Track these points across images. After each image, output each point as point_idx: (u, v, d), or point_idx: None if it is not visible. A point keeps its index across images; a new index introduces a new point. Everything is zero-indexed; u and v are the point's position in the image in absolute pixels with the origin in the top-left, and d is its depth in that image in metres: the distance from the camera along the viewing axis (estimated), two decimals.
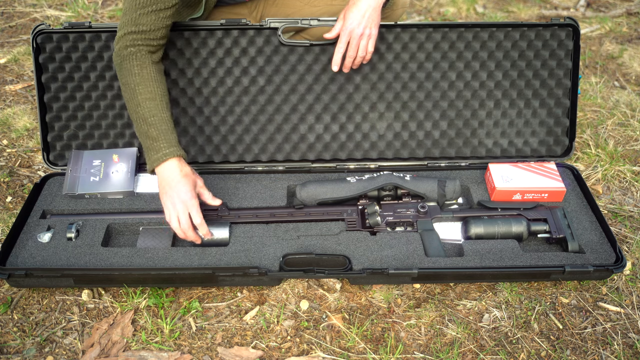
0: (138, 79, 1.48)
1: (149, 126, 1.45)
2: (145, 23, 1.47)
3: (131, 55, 1.49)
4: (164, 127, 1.46)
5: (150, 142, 1.45)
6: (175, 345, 1.42)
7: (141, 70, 1.49)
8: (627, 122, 2.21)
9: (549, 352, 1.41)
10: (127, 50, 1.49)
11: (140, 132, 1.48)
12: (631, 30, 2.91)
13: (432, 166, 1.85)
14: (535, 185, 1.69)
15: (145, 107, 1.46)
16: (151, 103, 1.47)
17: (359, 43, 1.53)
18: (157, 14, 1.48)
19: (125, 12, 1.49)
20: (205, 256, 1.53)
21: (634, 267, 1.63)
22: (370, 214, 1.60)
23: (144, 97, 1.47)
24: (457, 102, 1.81)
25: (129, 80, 1.48)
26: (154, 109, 1.46)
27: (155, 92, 1.48)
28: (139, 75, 1.48)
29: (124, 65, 1.50)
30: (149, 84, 1.48)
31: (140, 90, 1.47)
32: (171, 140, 1.45)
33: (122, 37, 1.49)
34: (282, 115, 1.80)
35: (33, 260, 1.51)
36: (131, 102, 1.48)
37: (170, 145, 1.44)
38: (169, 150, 1.43)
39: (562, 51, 1.79)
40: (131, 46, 1.49)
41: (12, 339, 1.43)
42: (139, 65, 1.49)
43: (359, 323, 1.47)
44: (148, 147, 1.46)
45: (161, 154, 1.43)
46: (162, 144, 1.44)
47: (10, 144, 2.08)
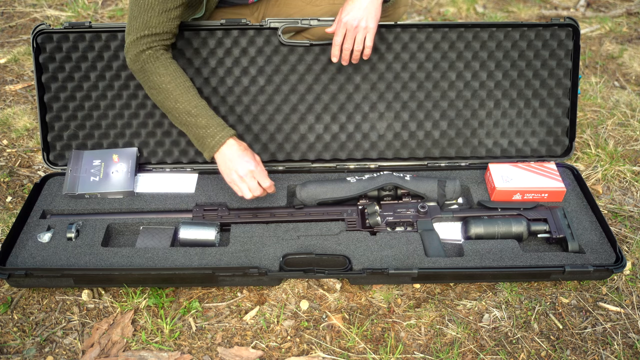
0: (168, 78, 1.52)
1: (195, 117, 1.51)
2: (157, 25, 1.49)
3: (151, 57, 1.51)
4: (210, 113, 1.53)
5: (203, 130, 1.51)
6: (175, 345, 1.42)
7: (166, 69, 1.52)
8: (627, 122, 2.21)
9: (549, 352, 1.41)
10: (145, 54, 1.51)
11: (187, 125, 1.53)
12: (631, 30, 2.91)
13: (432, 166, 1.85)
14: (535, 185, 1.69)
15: (184, 100, 1.51)
16: (188, 95, 1.52)
17: (354, 35, 1.53)
18: (166, 15, 1.49)
19: (133, 16, 1.49)
20: (205, 256, 1.53)
21: (634, 267, 1.63)
22: (370, 214, 1.60)
23: (179, 92, 1.51)
24: (457, 102, 1.81)
25: (158, 80, 1.52)
26: (192, 100, 1.52)
27: (186, 84, 1.54)
28: (167, 74, 1.52)
29: (147, 68, 1.52)
30: (178, 79, 1.53)
31: (172, 87, 1.52)
32: (221, 123, 1.52)
33: (135, 42, 1.50)
34: (282, 115, 1.80)
35: (33, 260, 1.51)
36: (167, 101, 1.53)
37: (222, 127, 1.51)
38: (223, 133, 1.50)
39: (562, 51, 1.79)
40: (147, 49, 1.51)
41: (12, 339, 1.43)
42: (162, 65, 1.52)
43: (359, 323, 1.47)
44: (201, 136, 1.51)
45: (218, 138, 1.50)
46: (215, 129, 1.50)
47: (10, 144, 2.08)
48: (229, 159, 1.51)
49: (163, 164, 1.82)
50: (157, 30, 1.49)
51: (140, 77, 1.56)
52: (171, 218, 1.65)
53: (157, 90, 1.53)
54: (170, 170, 1.82)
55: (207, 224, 1.59)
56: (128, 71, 1.75)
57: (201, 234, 1.57)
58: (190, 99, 1.52)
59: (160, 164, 1.82)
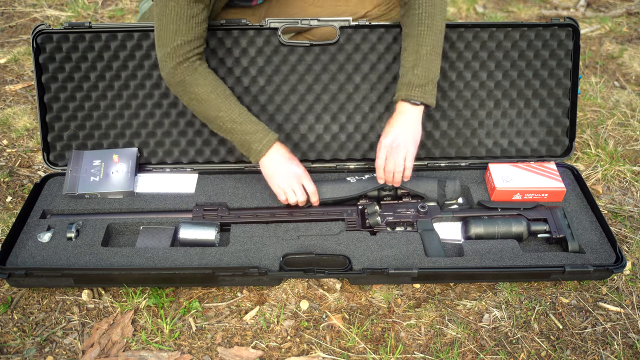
0: (209, 88, 1.53)
1: (240, 124, 1.54)
2: (188, 31, 1.47)
3: (189, 69, 1.51)
4: (253, 119, 1.56)
5: (250, 136, 1.54)
6: (175, 345, 1.42)
7: (205, 79, 1.53)
8: (627, 122, 2.21)
9: (549, 352, 1.41)
10: (182, 67, 1.50)
11: (232, 132, 1.56)
12: (631, 30, 2.91)
13: (432, 166, 1.85)
14: (535, 185, 1.69)
15: (227, 109, 1.54)
16: (230, 103, 1.55)
17: (395, 157, 1.54)
18: (194, 19, 1.47)
19: (161, 27, 1.47)
20: (205, 256, 1.53)
21: (634, 267, 1.63)
22: (370, 214, 1.60)
23: (221, 101, 1.54)
24: (457, 102, 1.81)
25: (199, 91, 1.53)
26: (235, 107, 1.56)
27: (226, 92, 1.56)
28: (207, 84, 1.53)
29: (187, 80, 1.52)
30: (219, 88, 1.54)
31: (214, 97, 1.53)
32: (265, 129, 1.56)
33: (170, 54, 1.48)
34: (282, 115, 1.80)
35: (33, 260, 1.51)
36: (210, 110, 1.54)
37: (267, 132, 1.55)
38: (269, 137, 1.55)
39: (562, 51, 1.79)
40: (184, 61, 1.50)
41: (12, 339, 1.43)
42: (201, 75, 1.53)
43: (359, 323, 1.47)
44: (248, 141, 1.55)
45: (265, 142, 1.54)
46: (260, 135, 1.54)
47: (10, 144, 2.08)
48: (274, 163, 1.56)
49: (163, 164, 1.83)
50: (188, 37, 1.48)
51: (179, 89, 1.55)
52: (171, 218, 1.65)
53: (199, 101, 1.54)
54: (170, 171, 1.82)
55: (207, 224, 1.59)
56: (128, 72, 1.75)
57: (201, 234, 1.57)
58: (233, 106, 1.54)
59: (160, 164, 1.82)
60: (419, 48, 1.50)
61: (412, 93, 1.50)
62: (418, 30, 1.50)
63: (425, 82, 1.50)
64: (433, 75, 1.52)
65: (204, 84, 1.53)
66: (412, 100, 1.51)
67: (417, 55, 1.51)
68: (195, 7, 1.46)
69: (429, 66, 1.51)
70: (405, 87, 1.51)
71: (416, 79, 1.50)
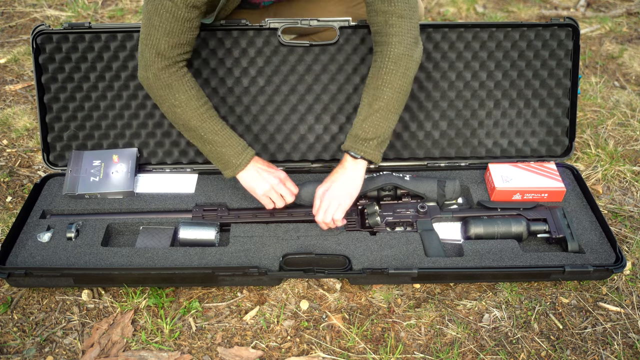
0: (194, 97, 1.50)
1: (222, 136, 1.52)
2: (181, 34, 1.43)
3: (177, 74, 1.47)
4: (231, 133, 1.54)
5: (227, 149, 1.52)
6: (175, 345, 1.42)
7: (191, 88, 1.50)
8: (627, 122, 2.21)
9: (549, 352, 1.41)
10: (171, 70, 1.46)
11: (212, 144, 1.53)
12: (631, 30, 2.91)
13: (432, 166, 1.85)
14: (535, 185, 1.69)
15: (210, 119, 1.51)
16: (212, 115, 1.52)
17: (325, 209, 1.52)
18: (190, 24, 1.43)
19: (152, 27, 1.41)
20: (205, 256, 1.53)
21: (634, 267, 1.63)
22: (370, 214, 1.60)
23: (203, 111, 1.51)
24: (457, 102, 1.81)
25: (183, 98, 1.48)
26: (217, 119, 1.53)
27: (208, 103, 1.54)
28: (192, 93, 1.50)
29: (174, 85, 1.47)
30: (202, 98, 1.52)
31: (198, 105, 1.50)
32: (243, 144, 1.55)
33: (160, 55, 1.43)
34: (282, 115, 1.80)
35: (33, 260, 1.51)
36: (193, 120, 1.50)
37: (245, 147, 1.55)
38: (248, 152, 1.54)
39: (561, 51, 1.79)
40: (170, 66, 1.45)
41: (12, 339, 1.43)
42: (187, 83, 1.49)
43: (359, 323, 1.47)
44: (226, 154, 1.53)
45: (243, 157, 1.53)
46: (240, 149, 1.53)
47: (10, 144, 2.08)
48: (252, 176, 1.55)
49: (163, 165, 1.83)
50: (181, 40, 1.43)
51: (162, 93, 1.48)
52: (171, 218, 1.65)
53: (182, 109, 1.49)
54: (170, 171, 1.82)
55: (206, 224, 1.59)
56: (128, 72, 1.75)
57: (201, 234, 1.57)
58: (215, 118, 1.52)
59: (160, 164, 1.83)
60: (373, 102, 1.46)
61: (356, 146, 1.47)
62: (376, 84, 1.46)
63: (371, 137, 1.46)
64: (382, 131, 1.47)
65: (189, 91, 1.49)
66: (352, 153, 1.48)
67: (369, 108, 1.47)
68: (192, 12, 1.41)
69: (379, 122, 1.46)
70: (351, 138, 1.49)
71: (362, 132, 1.47)
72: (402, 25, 1.43)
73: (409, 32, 1.44)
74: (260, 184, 1.55)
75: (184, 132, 1.56)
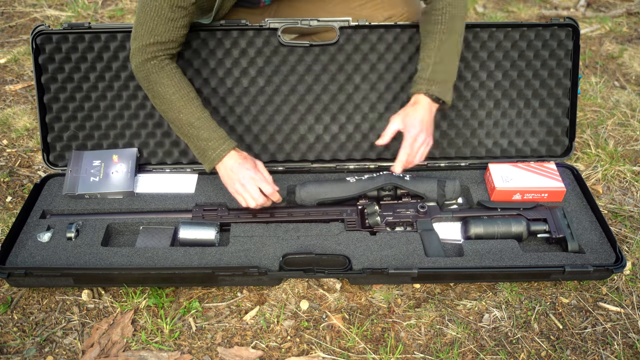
0: (172, 89, 1.52)
1: (197, 129, 1.52)
2: (163, 33, 1.47)
3: (155, 67, 1.51)
4: (212, 125, 1.53)
5: (204, 142, 1.52)
6: (175, 345, 1.42)
7: (171, 79, 1.52)
8: (627, 122, 2.21)
9: (549, 352, 1.41)
10: (149, 64, 1.50)
11: (189, 137, 1.54)
12: (631, 30, 2.91)
13: (432, 166, 1.85)
14: (535, 185, 1.69)
15: (187, 112, 1.52)
16: (191, 107, 1.53)
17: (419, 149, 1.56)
18: (173, 23, 1.47)
19: (139, 22, 1.47)
20: (205, 256, 1.53)
21: (634, 267, 1.63)
22: (370, 214, 1.60)
23: (182, 104, 1.52)
24: (457, 102, 1.81)
25: (162, 91, 1.52)
26: (195, 111, 1.53)
27: (190, 95, 1.54)
28: (171, 85, 1.52)
29: (151, 78, 1.52)
30: (182, 90, 1.53)
31: (176, 98, 1.52)
32: (223, 136, 1.53)
33: (140, 50, 1.49)
34: (282, 115, 1.80)
35: (33, 260, 1.51)
36: (170, 111, 1.53)
37: (223, 140, 1.52)
38: (224, 146, 1.51)
39: (561, 51, 1.79)
40: (152, 59, 1.50)
41: (12, 339, 1.43)
42: (167, 75, 1.52)
43: (359, 323, 1.47)
44: (203, 148, 1.53)
45: (219, 151, 1.51)
46: (216, 142, 1.51)
47: (10, 144, 2.08)
48: (228, 170, 1.52)
49: (163, 165, 1.83)
50: (162, 38, 1.48)
51: (144, 85, 1.55)
52: (171, 218, 1.65)
53: (161, 100, 1.54)
54: (170, 171, 1.82)
55: (206, 224, 1.59)
56: (127, 72, 1.75)
57: (201, 233, 1.57)
58: (194, 110, 1.53)
59: (160, 164, 1.83)
60: (441, 45, 1.53)
61: (433, 88, 1.52)
62: (440, 29, 1.53)
63: (445, 79, 1.54)
64: (452, 74, 1.56)
65: (168, 84, 1.51)
66: (431, 94, 1.53)
67: (439, 52, 1.53)
68: (177, 12, 1.45)
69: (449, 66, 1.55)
70: (425, 82, 1.53)
71: (437, 75, 1.53)
72: None
73: None
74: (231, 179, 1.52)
75: (169, 123, 1.59)
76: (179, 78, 1.54)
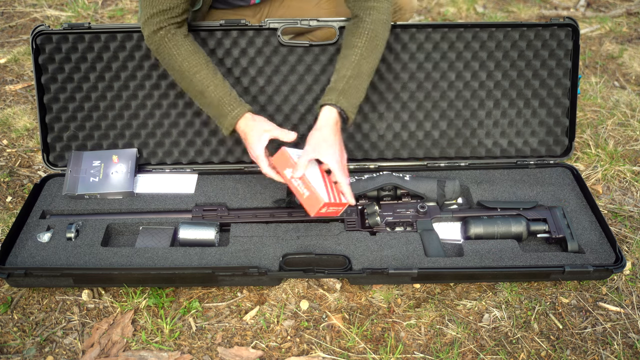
0: (179, 59, 1.54)
1: (208, 97, 1.54)
2: (163, 2, 1.48)
3: (163, 39, 1.53)
4: (221, 93, 1.53)
5: (215, 110, 1.54)
6: (175, 345, 1.42)
7: (179, 49, 1.54)
8: (627, 122, 2.21)
9: (549, 352, 1.41)
10: (157, 35, 1.52)
11: (203, 105, 1.57)
12: (631, 30, 2.91)
13: (432, 166, 1.85)
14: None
15: (197, 81, 1.53)
16: (200, 75, 1.53)
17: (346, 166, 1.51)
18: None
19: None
20: (205, 256, 1.53)
21: (634, 267, 1.63)
22: (370, 214, 1.60)
23: (192, 72, 1.53)
24: (457, 102, 1.81)
25: (172, 62, 1.55)
26: (205, 79, 1.53)
27: (200, 63, 1.54)
28: (179, 55, 1.54)
29: (160, 50, 1.55)
30: (191, 59, 1.54)
31: (185, 67, 1.54)
32: (232, 103, 1.52)
33: (147, 21, 1.51)
34: (282, 115, 1.80)
35: (32, 260, 1.51)
36: (183, 81, 1.57)
37: (233, 107, 1.52)
38: (235, 112, 1.51)
39: (561, 51, 1.79)
40: (159, 30, 1.52)
41: (12, 339, 1.43)
42: (174, 45, 1.53)
43: (359, 323, 1.47)
44: (215, 115, 1.55)
45: (230, 118, 1.51)
46: (226, 109, 1.52)
47: (10, 144, 2.08)
48: (241, 136, 1.53)
49: (163, 165, 1.83)
50: (163, 6, 1.48)
51: (156, 56, 1.58)
52: (171, 218, 1.65)
53: (171, 71, 1.57)
54: (170, 171, 1.82)
55: (206, 224, 1.59)
56: (127, 72, 1.75)
57: (201, 234, 1.57)
58: (203, 78, 1.53)
59: (160, 164, 1.83)
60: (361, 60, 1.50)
61: (342, 100, 1.46)
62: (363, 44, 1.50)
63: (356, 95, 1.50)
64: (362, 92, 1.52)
65: (176, 54, 1.53)
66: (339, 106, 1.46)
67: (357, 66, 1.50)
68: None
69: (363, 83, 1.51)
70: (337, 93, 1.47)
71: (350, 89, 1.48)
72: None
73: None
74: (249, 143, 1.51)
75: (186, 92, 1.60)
76: (187, 47, 1.55)
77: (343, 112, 1.47)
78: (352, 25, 1.55)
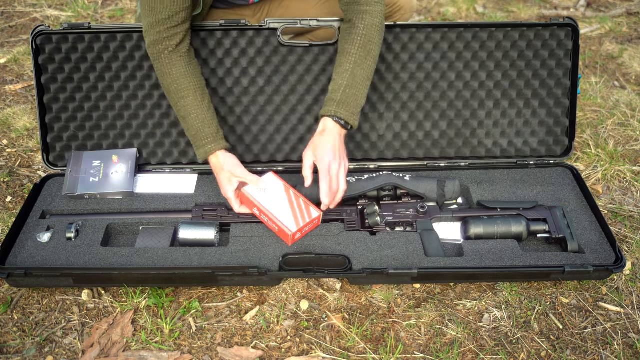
0: (169, 80, 1.55)
1: (189, 124, 1.56)
2: (162, 9, 1.47)
3: (160, 55, 1.53)
4: (200, 124, 1.55)
5: (193, 138, 1.58)
6: (175, 345, 1.42)
7: (171, 69, 1.54)
8: (627, 122, 2.21)
9: (549, 352, 1.41)
10: (156, 48, 1.53)
11: (184, 127, 1.60)
12: (631, 30, 2.91)
13: (432, 166, 1.85)
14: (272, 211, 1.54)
15: (181, 106, 1.56)
16: (185, 101, 1.55)
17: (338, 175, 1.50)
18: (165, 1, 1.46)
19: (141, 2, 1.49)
20: (205, 256, 1.53)
21: (634, 267, 1.63)
22: (370, 214, 1.60)
23: (179, 96, 1.55)
24: (457, 102, 1.81)
25: (163, 80, 1.57)
26: (189, 106, 1.55)
27: (189, 88, 1.55)
28: (170, 75, 1.55)
29: (156, 64, 1.56)
30: (180, 82, 1.55)
31: (173, 89, 1.55)
32: (209, 137, 1.55)
33: (148, 31, 1.52)
34: (282, 115, 1.80)
35: (32, 260, 1.51)
36: (170, 100, 1.59)
37: (208, 141, 1.55)
38: (208, 147, 1.54)
39: (561, 51, 1.79)
40: (157, 42, 1.51)
41: (12, 339, 1.43)
42: (168, 63, 1.54)
43: (359, 323, 1.47)
44: (192, 142, 1.59)
45: (202, 151, 1.56)
46: (202, 142, 1.55)
47: (10, 144, 2.08)
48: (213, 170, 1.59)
49: (163, 165, 1.83)
50: (163, 15, 1.47)
51: (153, 66, 1.59)
52: (171, 218, 1.65)
53: (164, 87, 1.59)
54: (170, 171, 1.82)
55: (206, 224, 1.59)
56: (127, 72, 1.75)
57: (201, 234, 1.57)
58: (187, 105, 1.55)
59: (160, 164, 1.83)
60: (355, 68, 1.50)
61: (341, 111, 1.48)
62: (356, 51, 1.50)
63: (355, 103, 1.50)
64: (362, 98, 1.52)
65: (168, 73, 1.54)
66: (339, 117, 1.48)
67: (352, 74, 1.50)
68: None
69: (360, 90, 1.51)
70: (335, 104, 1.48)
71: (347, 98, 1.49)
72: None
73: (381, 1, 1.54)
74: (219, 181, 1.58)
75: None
76: (181, 68, 1.55)
77: (344, 121, 1.49)
78: (345, 32, 1.56)
